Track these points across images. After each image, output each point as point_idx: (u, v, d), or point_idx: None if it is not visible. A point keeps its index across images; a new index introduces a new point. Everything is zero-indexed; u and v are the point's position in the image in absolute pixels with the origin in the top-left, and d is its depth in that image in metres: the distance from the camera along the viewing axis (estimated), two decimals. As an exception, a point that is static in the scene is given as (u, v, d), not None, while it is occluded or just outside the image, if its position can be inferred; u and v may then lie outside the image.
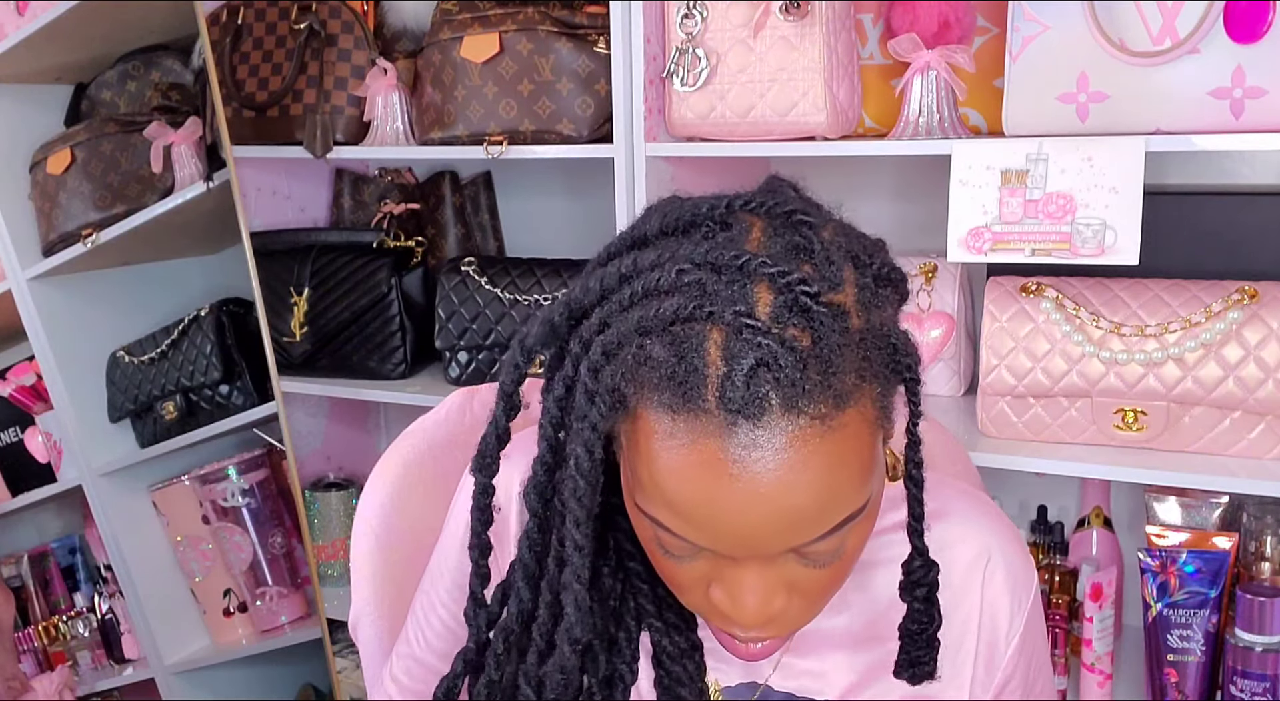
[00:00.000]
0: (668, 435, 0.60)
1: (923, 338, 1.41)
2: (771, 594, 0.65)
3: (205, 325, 1.80)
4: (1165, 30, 1.14)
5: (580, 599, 0.67)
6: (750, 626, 0.66)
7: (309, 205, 1.93)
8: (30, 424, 2.05)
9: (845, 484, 0.61)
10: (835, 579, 0.67)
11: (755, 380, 0.58)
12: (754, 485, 0.59)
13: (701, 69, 1.33)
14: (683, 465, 0.60)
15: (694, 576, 0.67)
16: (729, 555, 0.63)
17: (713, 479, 0.60)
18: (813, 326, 0.60)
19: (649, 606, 0.76)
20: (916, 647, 0.74)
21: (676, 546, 0.65)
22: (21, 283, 1.91)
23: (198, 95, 1.77)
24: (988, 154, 1.20)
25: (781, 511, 0.60)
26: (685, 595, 0.69)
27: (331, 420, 1.93)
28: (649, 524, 0.66)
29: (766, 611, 0.65)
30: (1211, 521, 1.34)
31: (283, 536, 1.91)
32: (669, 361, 0.60)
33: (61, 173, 1.83)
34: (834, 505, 0.62)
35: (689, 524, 0.62)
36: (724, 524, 0.61)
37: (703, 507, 0.61)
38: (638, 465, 0.64)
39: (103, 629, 2.10)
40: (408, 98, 1.63)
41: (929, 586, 0.72)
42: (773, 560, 0.64)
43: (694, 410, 0.59)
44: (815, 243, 0.64)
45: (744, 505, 0.60)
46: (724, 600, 0.66)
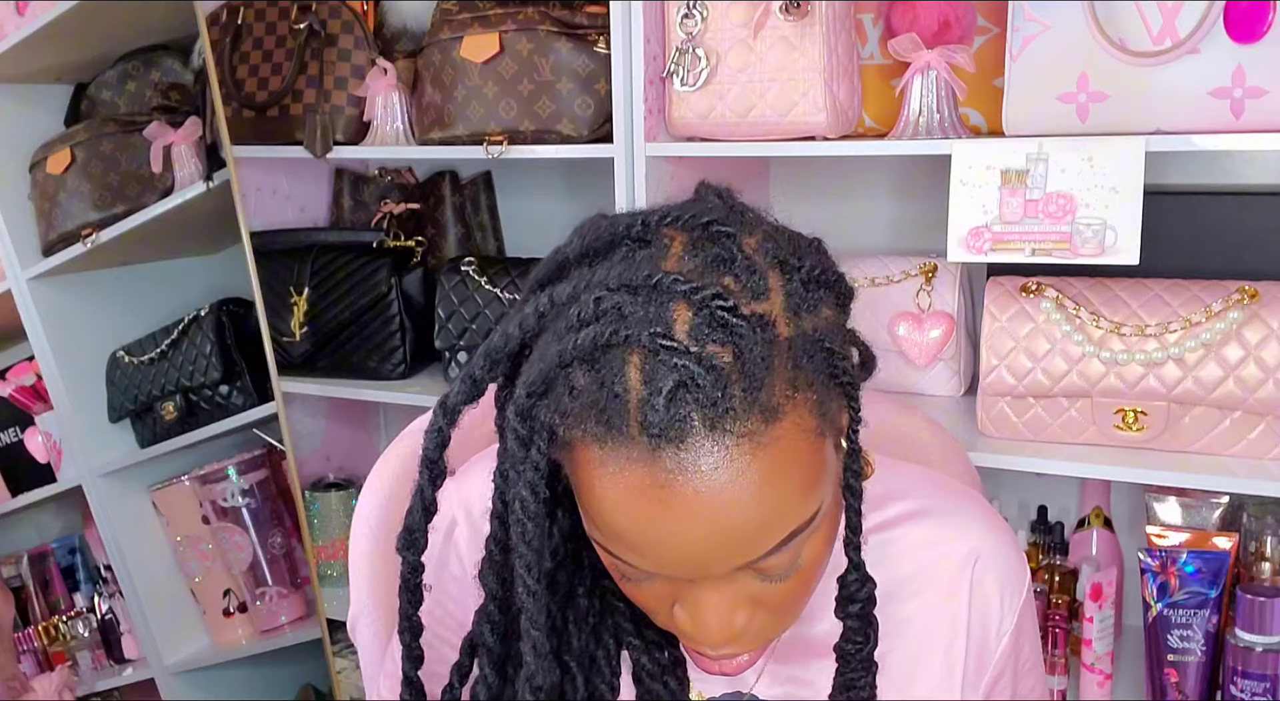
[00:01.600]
0: (598, 464, 0.60)
1: (923, 338, 1.41)
2: (732, 611, 0.64)
3: (205, 325, 1.80)
4: (1165, 30, 1.14)
5: (539, 645, 0.65)
6: (715, 644, 0.65)
7: (309, 205, 1.93)
8: (30, 424, 2.05)
9: (786, 498, 0.60)
10: (798, 590, 0.66)
11: (675, 402, 0.57)
12: (686, 508, 0.58)
13: (701, 69, 1.33)
14: (615, 494, 0.59)
15: (656, 597, 0.66)
16: (680, 577, 0.63)
17: (645, 505, 0.59)
18: (734, 341, 0.58)
19: (627, 624, 0.75)
20: (852, 669, 0.72)
21: (631, 571, 0.64)
22: (21, 283, 1.91)
23: (198, 95, 1.77)
24: (988, 154, 1.20)
25: (720, 532, 0.59)
26: (653, 615, 0.69)
27: (331, 420, 1.93)
28: (603, 550, 0.65)
29: (729, 629, 0.64)
30: (1211, 521, 1.33)
31: (283, 536, 1.91)
32: (591, 390, 0.59)
33: (61, 172, 1.83)
34: (776, 521, 0.60)
35: (633, 551, 0.61)
36: (665, 549, 0.60)
37: (641, 535, 0.60)
38: (579, 495, 0.63)
39: (103, 629, 2.10)
40: (408, 98, 1.63)
41: (864, 602, 0.70)
42: (728, 578, 0.63)
43: (618, 438, 0.58)
44: (736, 253, 0.62)
45: (680, 529, 0.59)
46: (686, 620, 0.65)
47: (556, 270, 0.67)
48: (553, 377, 0.61)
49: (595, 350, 0.59)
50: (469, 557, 0.83)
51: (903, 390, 1.46)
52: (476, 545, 0.80)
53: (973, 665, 0.79)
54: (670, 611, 0.67)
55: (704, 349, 0.58)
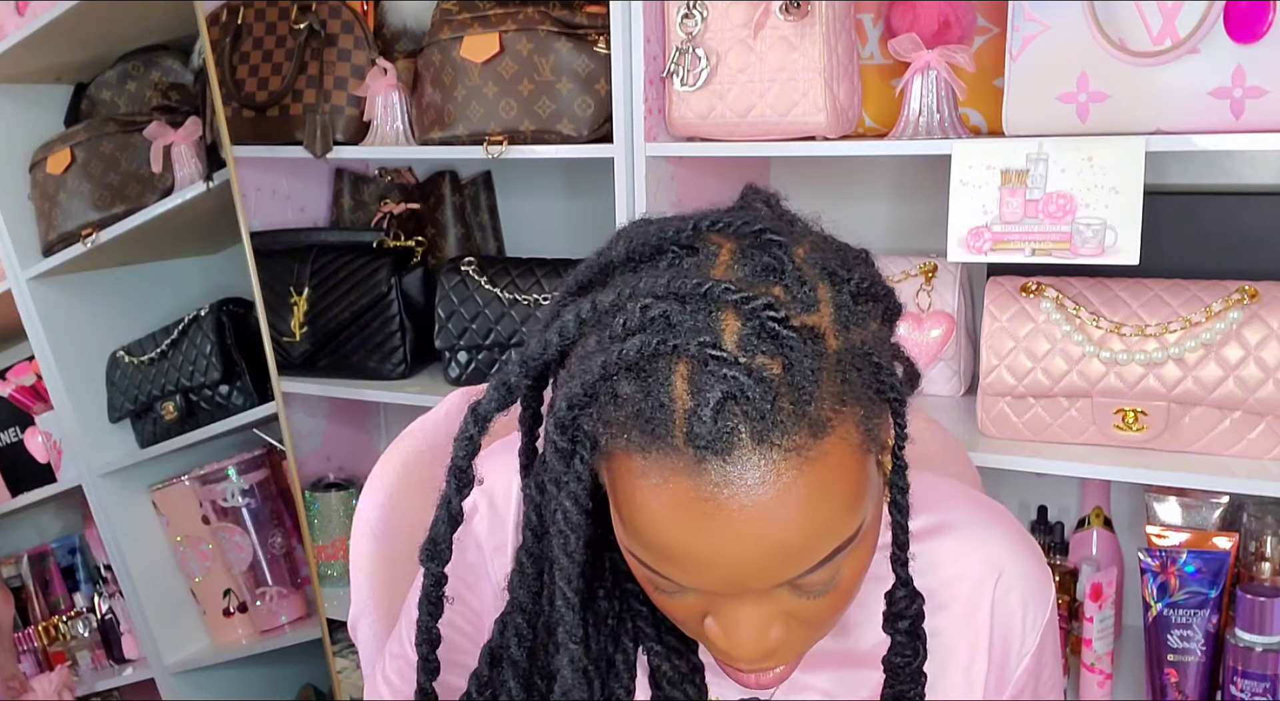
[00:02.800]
0: (640, 475, 0.58)
1: (923, 338, 1.41)
2: (767, 627, 0.62)
3: (205, 325, 1.80)
4: (1165, 30, 1.14)
5: (576, 659, 0.64)
6: (750, 661, 0.63)
7: (309, 205, 1.93)
8: (30, 424, 2.05)
9: (831, 514, 0.59)
10: (835, 606, 0.64)
11: (723, 414, 0.56)
12: (731, 523, 0.57)
13: (701, 69, 1.33)
14: (657, 506, 0.58)
15: (688, 610, 0.65)
16: (717, 593, 0.61)
17: (688, 519, 0.57)
18: (783, 353, 0.57)
19: (648, 628, 0.74)
20: (901, 681, 0.71)
21: (666, 584, 0.63)
22: (21, 283, 1.91)
23: (198, 95, 1.77)
24: (988, 154, 1.20)
25: (764, 549, 0.57)
26: (682, 626, 0.67)
27: (331, 420, 1.93)
28: (636, 562, 0.64)
29: (764, 645, 0.62)
30: (1211, 521, 1.33)
31: (283, 536, 1.91)
32: (636, 399, 0.58)
33: (61, 172, 1.83)
34: (821, 537, 0.59)
35: (671, 564, 0.60)
36: (705, 564, 0.58)
37: (681, 549, 0.58)
38: (618, 505, 0.62)
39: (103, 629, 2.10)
40: (408, 98, 1.63)
41: (913, 618, 0.69)
42: (766, 594, 0.61)
43: (663, 448, 0.57)
44: (787, 263, 0.61)
45: (723, 544, 0.57)
46: (720, 635, 0.63)
47: (599, 274, 0.65)
48: (597, 388, 0.59)
49: (641, 360, 0.58)
50: (487, 543, 0.81)
51: (903, 390, 1.45)
52: (495, 531, 0.80)
53: (993, 683, 0.77)
54: (701, 623, 0.65)
55: (753, 360, 0.56)
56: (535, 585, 0.68)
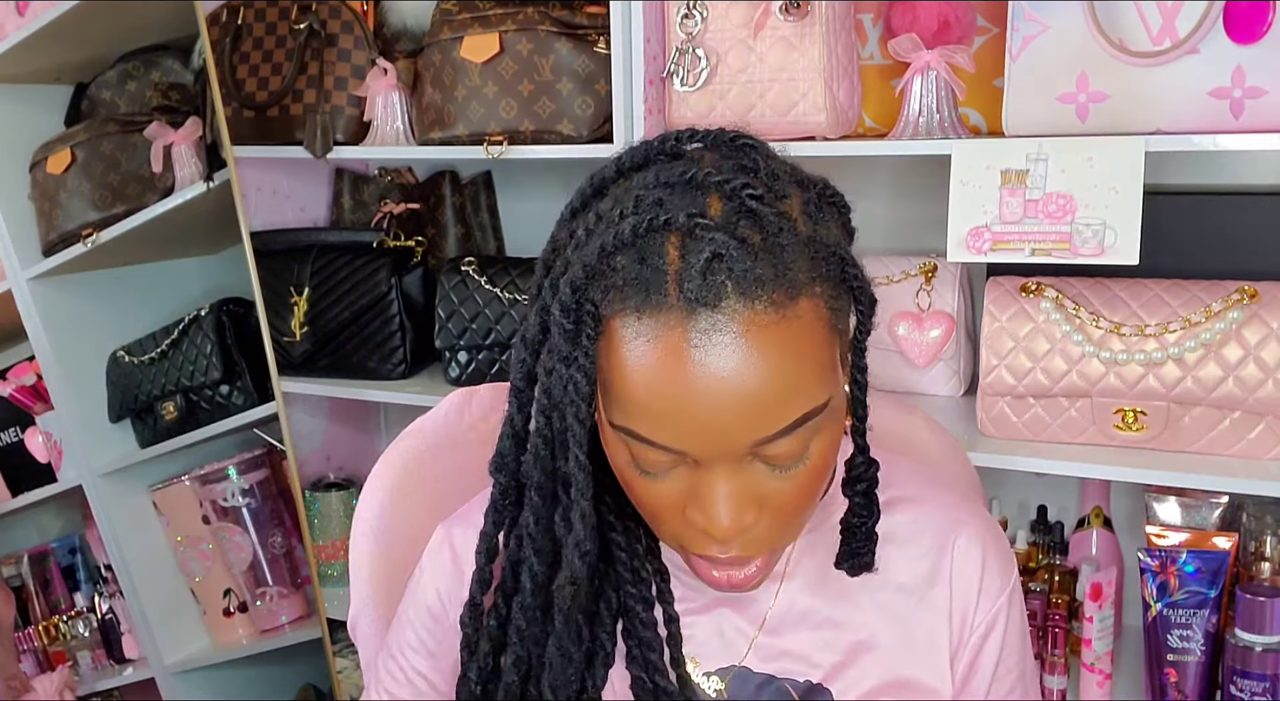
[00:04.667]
0: (635, 336, 0.65)
1: (922, 338, 1.41)
2: (743, 503, 0.68)
3: (205, 325, 1.80)
4: (1165, 30, 1.14)
5: (587, 513, 0.70)
6: (725, 536, 0.68)
7: (309, 205, 1.93)
8: (30, 424, 2.05)
9: (803, 374, 0.65)
10: (804, 492, 0.70)
11: (711, 271, 0.63)
12: (716, 371, 0.63)
13: (701, 69, 1.33)
14: (650, 360, 0.64)
15: (670, 496, 0.69)
16: (698, 457, 0.66)
17: (678, 367, 0.63)
18: (761, 226, 0.65)
19: (624, 571, 0.78)
20: (856, 540, 0.78)
21: (650, 460, 0.68)
22: (21, 283, 1.91)
23: (198, 95, 1.77)
24: (988, 154, 1.20)
25: (743, 397, 0.63)
26: (664, 524, 0.71)
27: (331, 420, 1.94)
28: (623, 443, 0.69)
29: (739, 521, 0.68)
30: (1211, 521, 1.33)
31: (283, 536, 1.91)
32: (633, 268, 0.65)
33: (61, 172, 1.83)
34: (793, 395, 0.65)
35: (659, 422, 0.65)
36: (691, 416, 0.64)
37: (670, 401, 0.64)
38: (611, 378, 0.67)
39: (103, 629, 2.10)
40: (408, 98, 1.63)
41: (869, 482, 0.76)
42: (741, 465, 0.67)
43: (657, 305, 0.64)
44: (760, 163, 0.70)
45: (708, 392, 0.63)
46: (698, 515, 0.68)
47: (596, 190, 0.72)
48: (597, 266, 0.66)
49: (636, 236, 0.65)
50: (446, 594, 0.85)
51: (903, 390, 1.46)
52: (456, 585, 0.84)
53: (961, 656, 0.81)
54: (681, 515, 0.70)
55: (736, 228, 0.64)
56: (549, 464, 0.73)
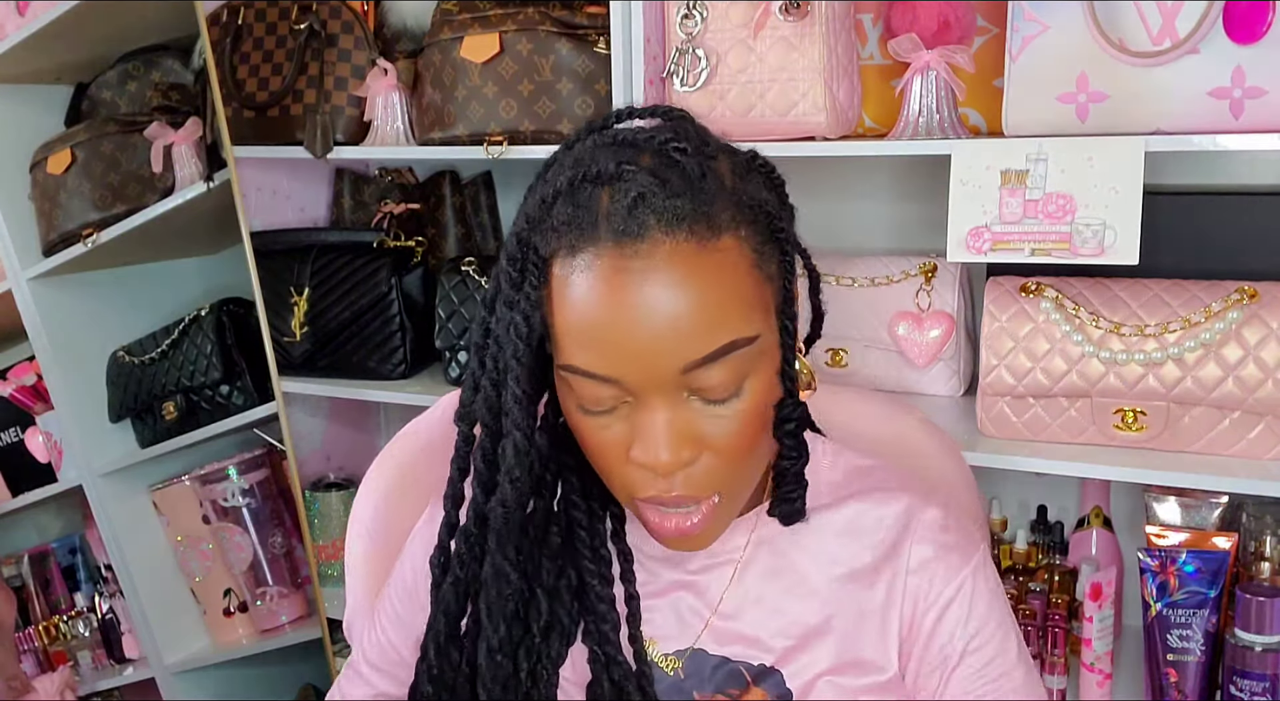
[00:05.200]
0: (570, 273, 0.71)
1: (922, 338, 1.41)
2: (681, 437, 0.72)
3: (205, 325, 1.80)
4: (1165, 30, 1.14)
5: (520, 444, 0.76)
6: (667, 470, 0.72)
7: (309, 205, 1.93)
8: (30, 424, 2.05)
9: (726, 304, 0.71)
10: (741, 432, 0.74)
11: (637, 209, 0.70)
12: (642, 297, 0.69)
13: (701, 69, 1.33)
14: (582, 293, 0.70)
15: (615, 439, 0.74)
16: (632, 386, 0.71)
17: (607, 296, 0.70)
18: (685, 174, 0.71)
19: (585, 549, 0.82)
20: (786, 483, 0.82)
21: (591, 396, 0.73)
22: (22, 283, 1.91)
23: (198, 95, 1.77)
24: (988, 154, 1.20)
25: (668, 321, 0.69)
26: (611, 470, 0.76)
27: (331, 420, 1.94)
28: (569, 386, 0.74)
29: (678, 454, 0.72)
30: (1211, 521, 1.34)
31: (283, 536, 1.91)
32: (568, 212, 0.72)
33: (62, 173, 1.83)
34: (717, 322, 0.70)
35: (593, 351, 0.71)
36: (621, 343, 0.70)
37: (602, 329, 0.70)
38: (554, 321, 0.73)
39: (103, 628, 2.10)
40: (408, 98, 1.63)
41: (796, 422, 0.79)
42: (677, 401, 0.72)
43: (589, 241, 0.70)
44: (690, 129, 0.77)
45: (635, 318, 0.69)
46: (640, 452, 0.73)
47: (545, 166, 0.79)
48: (538, 215, 0.73)
49: (572, 186, 0.72)
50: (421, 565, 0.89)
51: (902, 390, 1.46)
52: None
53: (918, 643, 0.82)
54: (627, 459, 0.74)
55: (660, 172, 0.71)
56: (495, 404, 0.78)
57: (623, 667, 0.80)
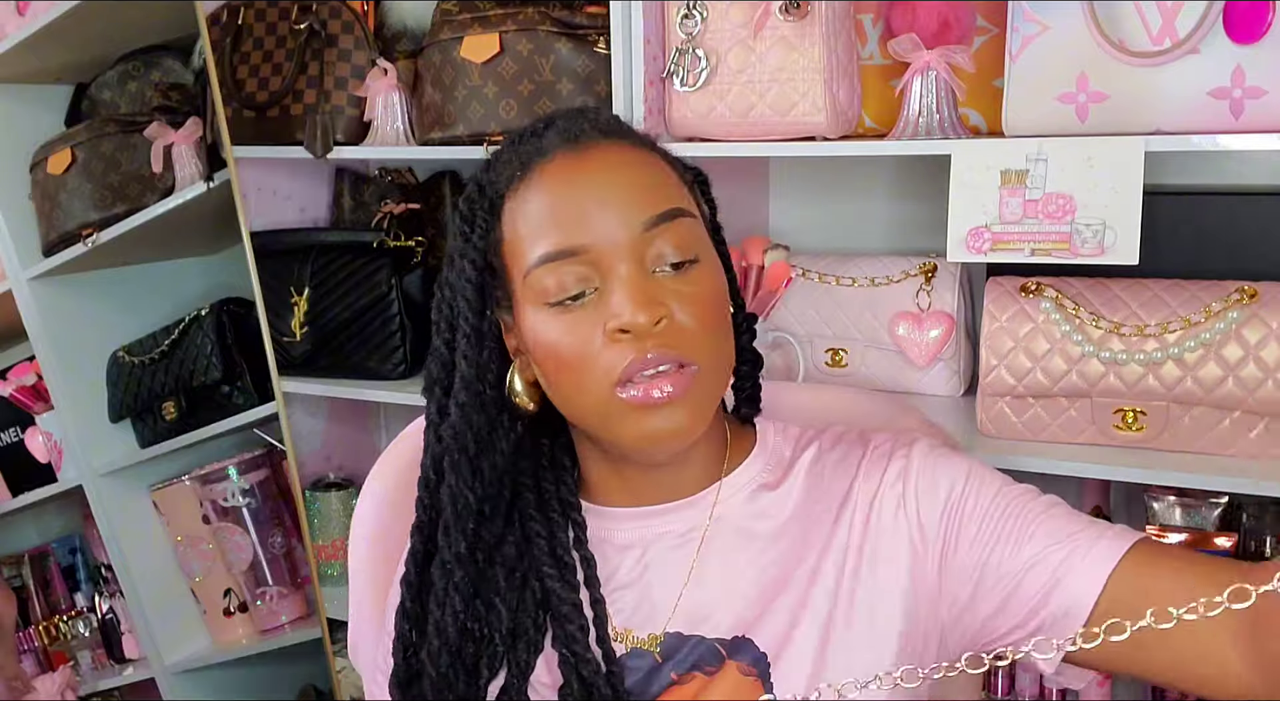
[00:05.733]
0: (528, 187, 0.80)
1: (922, 337, 1.41)
2: (651, 297, 0.77)
3: (205, 325, 1.80)
4: (1165, 30, 1.14)
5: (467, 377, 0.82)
6: (645, 324, 0.76)
7: (309, 205, 1.93)
8: (30, 424, 2.05)
9: (668, 182, 0.82)
10: (704, 300, 0.80)
11: (578, 121, 0.83)
12: (599, 172, 0.79)
13: (701, 69, 1.33)
14: (543, 189, 0.80)
15: (587, 327, 0.78)
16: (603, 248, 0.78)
17: (567, 178, 0.79)
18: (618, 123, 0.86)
19: (545, 559, 0.85)
20: (745, 384, 0.92)
21: (560, 286, 0.78)
22: (22, 282, 1.91)
23: (198, 95, 1.77)
24: (988, 154, 1.20)
25: (625, 184, 0.79)
26: (588, 363, 0.78)
27: (331, 420, 1.94)
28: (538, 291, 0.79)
29: (653, 309, 0.77)
30: (1211, 521, 1.33)
31: (283, 536, 1.91)
32: (515, 152, 0.83)
33: (62, 173, 1.83)
34: (663, 190, 0.81)
35: (564, 226, 0.78)
36: (589, 210, 0.78)
37: (569, 203, 0.79)
38: (514, 240, 0.81)
39: (103, 629, 2.11)
40: (408, 98, 1.63)
41: (750, 335, 0.91)
42: (643, 270, 0.78)
43: (540, 157, 0.81)
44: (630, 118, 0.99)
45: (596, 186, 0.79)
46: (616, 319, 0.77)
47: None
48: (490, 167, 0.84)
49: (515, 141, 0.84)
50: None
51: (903, 390, 1.46)
52: None
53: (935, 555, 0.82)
54: (606, 342, 0.78)
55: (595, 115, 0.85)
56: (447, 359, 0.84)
57: (591, 665, 0.81)
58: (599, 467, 0.88)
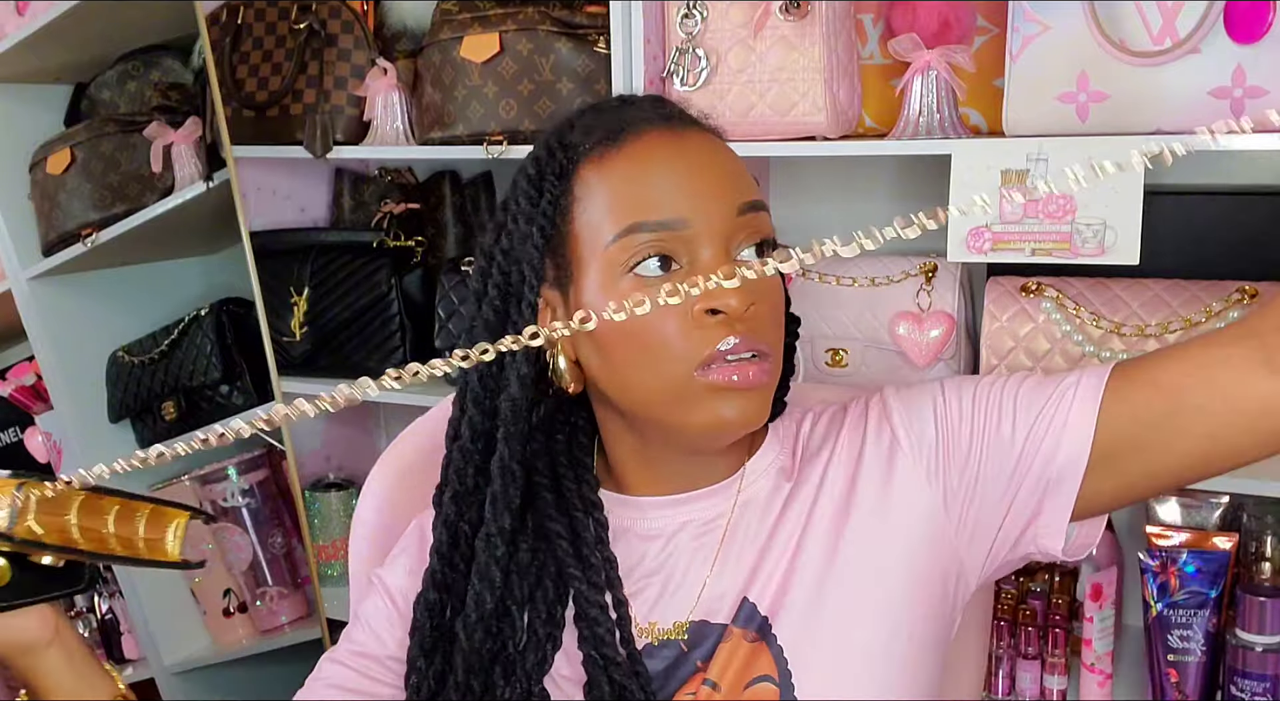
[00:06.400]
0: (616, 156, 0.79)
1: (923, 337, 1.41)
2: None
3: (205, 325, 1.80)
4: (1165, 30, 1.14)
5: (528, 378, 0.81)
6: (739, 307, 0.75)
7: (309, 205, 1.93)
8: (30, 424, 2.05)
9: (749, 175, 0.82)
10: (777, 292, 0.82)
11: (664, 106, 0.83)
12: (700, 151, 0.80)
13: (701, 69, 1.33)
14: (638, 160, 0.78)
15: (676, 306, 0.75)
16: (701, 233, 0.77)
17: (668, 151, 0.79)
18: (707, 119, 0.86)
19: (569, 559, 0.83)
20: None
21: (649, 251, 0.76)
22: (21, 282, 1.91)
23: (198, 95, 1.77)
24: (988, 154, 1.20)
25: (721, 165, 0.80)
26: (672, 340, 0.77)
27: (331, 420, 1.94)
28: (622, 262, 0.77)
29: (748, 291, 0.74)
30: (1211, 521, 1.33)
31: (282, 536, 1.91)
32: (597, 119, 0.81)
33: (61, 173, 1.83)
34: (750, 180, 0.81)
35: (663, 196, 0.77)
36: (691, 186, 0.77)
37: (671, 177, 0.78)
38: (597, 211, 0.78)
39: (103, 629, 2.10)
40: (408, 97, 1.63)
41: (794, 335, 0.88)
42: (729, 254, 0.78)
43: (631, 128, 0.80)
44: None
45: (699, 164, 0.79)
46: (709, 300, 0.75)
47: None
48: (560, 131, 0.82)
49: (595, 107, 0.84)
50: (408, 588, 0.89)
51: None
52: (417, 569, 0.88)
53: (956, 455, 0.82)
54: (691, 323, 0.76)
55: None
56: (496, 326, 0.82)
57: (622, 667, 0.80)
58: (630, 457, 0.87)
